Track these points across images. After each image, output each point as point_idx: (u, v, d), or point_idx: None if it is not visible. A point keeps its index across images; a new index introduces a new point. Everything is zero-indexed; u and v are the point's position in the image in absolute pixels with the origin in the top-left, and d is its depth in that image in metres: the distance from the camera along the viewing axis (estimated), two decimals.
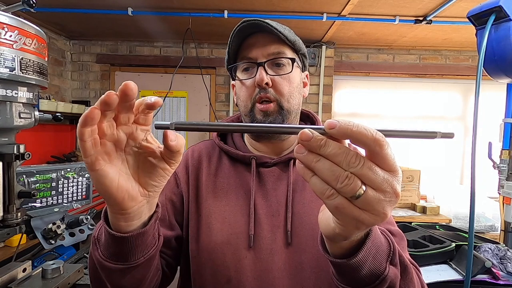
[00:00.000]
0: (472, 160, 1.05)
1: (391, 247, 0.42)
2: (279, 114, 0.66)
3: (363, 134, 0.28)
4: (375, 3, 2.11)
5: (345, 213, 0.30)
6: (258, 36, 0.66)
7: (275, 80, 0.65)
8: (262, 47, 0.65)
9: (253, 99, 0.66)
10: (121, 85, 0.32)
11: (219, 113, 3.10)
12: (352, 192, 0.29)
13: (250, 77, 0.66)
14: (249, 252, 0.62)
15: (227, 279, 0.60)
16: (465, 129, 3.22)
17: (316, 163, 0.30)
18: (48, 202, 1.15)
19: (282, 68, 0.67)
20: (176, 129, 0.33)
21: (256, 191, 0.66)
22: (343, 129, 0.28)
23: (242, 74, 0.69)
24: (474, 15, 1.20)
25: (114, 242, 0.43)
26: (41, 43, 0.72)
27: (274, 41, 0.66)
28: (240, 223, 0.64)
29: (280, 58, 0.66)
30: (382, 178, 0.29)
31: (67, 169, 1.21)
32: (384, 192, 0.30)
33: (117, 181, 0.37)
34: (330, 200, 0.30)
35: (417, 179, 2.58)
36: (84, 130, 0.32)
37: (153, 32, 2.75)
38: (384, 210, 0.30)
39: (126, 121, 0.36)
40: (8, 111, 0.68)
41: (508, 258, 1.30)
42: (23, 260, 1.21)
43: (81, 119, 0.32)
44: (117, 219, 0.41)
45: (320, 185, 0.30)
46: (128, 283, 0.48)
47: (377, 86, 3.21)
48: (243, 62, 0.67)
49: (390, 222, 0.65)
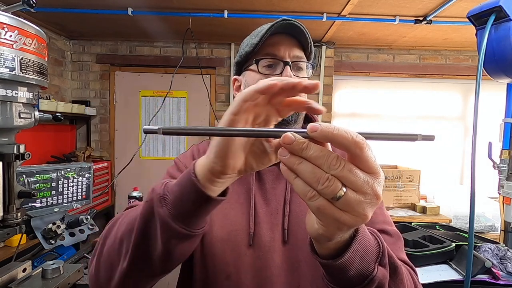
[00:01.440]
0: (472, 160, 1.05)
1: (380, 248, 0.43)
2: (297, 112, 0.68)
3: (343, 137, 0.30)
4: (375, 3, 2.11)
5: (326, 214, 0.31)
6: (283, 36, 0.67)
7: None
8: (289, 48, 0.67)
9: None
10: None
11: (219, 113, 3.10)
12: (333, 193, 0.30)
13: (274, 73, 0.67)
14: (248, 250, 0.63)
15: (226, 275, 0.61)
16: (465, 129, 3.21)
17: (298, 165, 0.31)
18: (48, 202, 1.15)
19: (300, 72, 0.69)
20: (164, 133, 0.33)
21: (256, 189, 0.68)
22: (324, 132, 0.30)
23: (264, 69, 0.69)
24: (474, 15, 1.20)
25: (200, 202, 0.41)
26: (41, 43, 0.72)
27: (297, 45, 0.68)
28: (240, 220, 0.65)
29: (303, 61, 0.68)
30: (363, 180, 0.30)
31: (67, 169, 1.21)
32: (365, 194, 0.30)
33: (242, 145, 0.39)
34: (311, 201, 0.31)
35: (417, 179, 2.58)
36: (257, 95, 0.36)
37: (153, 32, 2.75)
38: (364, 212, 0.31)
39: (277, 103, 0.39)
40: (8, 111, 0.68)
41: (508, 258, 1.30)
42: (23, 260, 1.21)
43: (264, 86, 0.35)
44: (210, 182, 0.41)
45: (303, 187, 0.31)
46: (179, 251, 0.46)
47: (377, 86, 3.21)
48: (270, 58, 0.67)
49: (387, 222, 0.65)
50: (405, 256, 0.61)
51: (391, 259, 0.44)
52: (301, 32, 0.66)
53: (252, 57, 0.69)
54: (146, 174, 3.07)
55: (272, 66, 0.68)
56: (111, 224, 0.55)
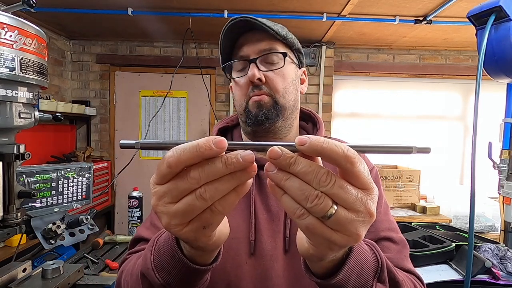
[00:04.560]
0: (472, 160, 1.05)
1: (379, 263, 0.41)
2: (274, 108, 0.65)
3: (333, 151, 0.28)
4: (375, 3, 2.11)
5: (316, 233, 0.29)
6: (249, 35, 0.65)
7: (268, 76, 0.64)
8: (253, 45, 0.65)
9: (248, 96, 0.65)
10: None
11: (219, 113, 3.10)
12: (323, 212, 0.28)
13: (243, 75, 0.66)
14: (249, 258, 0.60)
15: (226, 284, 0.59)
16: (465, 129, 3.22)
17: (285, 181, 0.29)
18: (48, 202, 1.15)
19: (275, 64, 0.65)
20: (141, 148, 0.31)
21: (256, 195, 0.65)
22: (313, 146, 0.28)
23: (237, 74, 0.68)
24: (474, 15, 1.20)
25: (191, 274, 0.41)
26: (41, 43, 0.72)
27: (265, 38, 0.65)
28: (241, 227, 0.62)
29: (272, 53, 0.65)
30: (355, 197, 0.29)
31: (67, 169, 1.21)
32: (357, 212, 0.29)
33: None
34: (300, 220, 0.29)
35: (417, 179, 2.58)
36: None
37: (153, 32, 2.75)
38: (357, 231, 0.29)
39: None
40: (8, 111, 0.68)
41: (508, 258, 1.30)
42: (23, 260, 1.21)
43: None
44: (201, 255, 0.40)
45: (291, 204, 0.29)
46: None
47: (377, 86, 3.21)
48: (234, 61, 0.66)
49: (392, 229, 0.63)
50: (410, 264, 0.59)
51: (391, 274, 0.42)
52: (256, 23, 0.62)
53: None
54: (146, 174, 3.07)
55: (243, 69, 0.67)
56: (118, 280, 0.57)
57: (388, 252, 0.58)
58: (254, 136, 0.70)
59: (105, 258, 1.41)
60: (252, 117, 0.65)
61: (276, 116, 0.65)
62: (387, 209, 0.66)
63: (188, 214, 0.30)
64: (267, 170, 0.30)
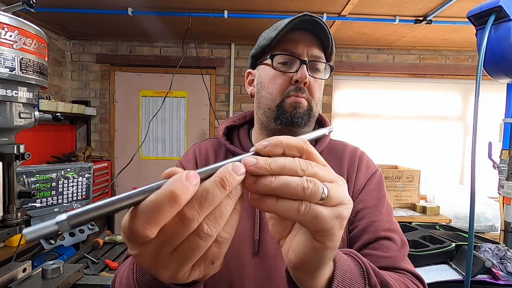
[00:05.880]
0: (472, 160, 1.05)
1: (363, 268, 0.41)
2: (308, 114, 0.65)
3: (292, 141, 0.29)
4: (375, 3, 2.11)
5: (325, 218, 0.29)
6: (303, 33, 0.64)
7: (311, 82, 0.64)
8: (308, 46, 0.64)
9: (285, 94, 0.64)
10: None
11: (219, 113, 3.10)
12: (319, 192, 0.28)
13: (289, 71, 0.64)
14: (253, 258, 0.60)
15: (229, 283, 0.59)
16: (465, 129, 3.22)
17: (275, 182, 0.27)
18: (48, 202, 1.15)
19: (318, 72, 0.66)
20: (72, 227, 0.23)
21: None
22: (274, 142, 0.29)
23: (280, 66, 0.66)
24: (474, 15, 1.20)
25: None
26: (41, 43, 0.72)
27: (317, 44, 0.65)
28: (245, 226, 0.62)
29: (321, 62, 0.65)
30: (328, 171, 0.31)
31: (67, 169, 1.21)
32: (335, 181, 0.31)
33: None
34: (306, 213, 0.28)
35: (417, 179, 2.58)
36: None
37: (153, 32, 2.75)
38: (347, 197, 0.31)
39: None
40: (8, 111, 0.68)
41: (508, 258, 1.30)
42: (23, 260, 1.21)
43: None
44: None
45: (290, 205, 0.28)
46: None
47: (377, 86, 3.21)
48: (287, 54, 0.64)
49: (393, 230, 0.61)
50: (408, 265, 0.58)
51: (378, 276, 0.42)
52: (323, 30, 0.62)
53: (268, 52, 0.66)
54: (146, 174, 3.07)
55: (287, 63, 0.65)
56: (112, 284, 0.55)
57: (387, 251, 0.58)
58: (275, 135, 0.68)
59: (105, 258, 1.41)
60: (288, 117, 0.64)
61: (307, 121, 0.65)
62: (390, 211, 0.65)
63: (193, 258, 0.27)
64: (250, 183, 0.28)
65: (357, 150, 0.73)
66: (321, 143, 0.70)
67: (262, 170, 0.28)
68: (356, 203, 0.64)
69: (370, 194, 0.65)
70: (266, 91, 0.67)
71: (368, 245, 0.59)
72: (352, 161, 0.69)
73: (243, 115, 0.79)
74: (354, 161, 0.69)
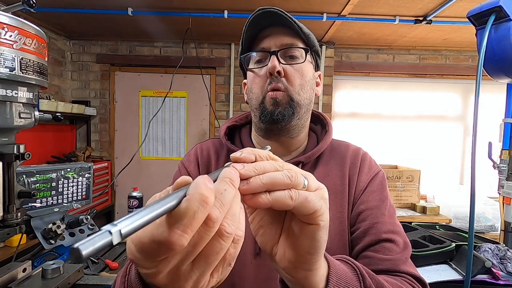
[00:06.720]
0: (472, 160, 1.05)
1: (357, 272, 0.41)
2: (289, 105, 0.63)
3: (259, 150, 0.33)
4: (375, 3, 2.11)
5: (313, 200, 0.32)
6: (273, 29, 0.65)
7: (287, 70, 0.63)
8: (276, 38, 0.64)
9: (265, 90, 0.64)
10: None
11: (219, 113, 3.10)
12: (301, 179, 0.32)
13: (263, 67, 0.65)
14: (255, 259, 0.60)
15: (230, 284, 0.59)
16: (465, 129, 3.22)
17: (264, 179, 0.30)
18: (48, 202, 1.15)
19: (295, 60, 0.65)
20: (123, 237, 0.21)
21: None
22: (246, 150, 0.32)
23: (255, 65, 0.67)
24: (474, 15, 1.20)
25: None
26: (41, 43, 0.72)
27: (289, 33, 0.64)
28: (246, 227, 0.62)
29: (294, 48, 0.64)
30: (297, 168, 0.34)
31: (67, 169, 1.21)
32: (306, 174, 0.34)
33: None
34: (297, 198, 0.31)
35: (417, 179, 2.58)
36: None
37: (153, 32, 2.75)
38: (320, 183, 0.34)
39: None
40: (8, 111, 0.68)
41: (508, 258, 1.30)
42: (23, 260, 1.21)
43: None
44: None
45: (283, 193, 0.31)
46: None
47: (377, 86, 3.21)
48: (256, 51, 0.65)
49: (395, 232, 0.61)
50: (410, 267, 0.57)
51: (372, 279, 0.42)
52: (283, 17, 0.62)
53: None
54: (146, 174, 3.07)
55: (262, 61, 0.66)
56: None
57: (388, 254, 0.57)
58: (266, 134, 0.69)
59: (105, 258, 1.41)
60: (268, 114, 0.63)
61: (292, 114, 0.64)
62: (393, 213, 0.65)
63: (215, 262, 0.26)
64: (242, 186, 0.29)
65: (360, 151, 0.72)
66: (323, 143, 0.70)
67: (251, 171, 0.30)
68: (358, 204, 0.64)
69: (373, 195, 0.65)
70: (251, 93, 0.68)
71: (369, 247, 0.59)
72: (354, 162, 0.69)
73: (245, 115, 0.79)
74: (356, 161, 0.69)
